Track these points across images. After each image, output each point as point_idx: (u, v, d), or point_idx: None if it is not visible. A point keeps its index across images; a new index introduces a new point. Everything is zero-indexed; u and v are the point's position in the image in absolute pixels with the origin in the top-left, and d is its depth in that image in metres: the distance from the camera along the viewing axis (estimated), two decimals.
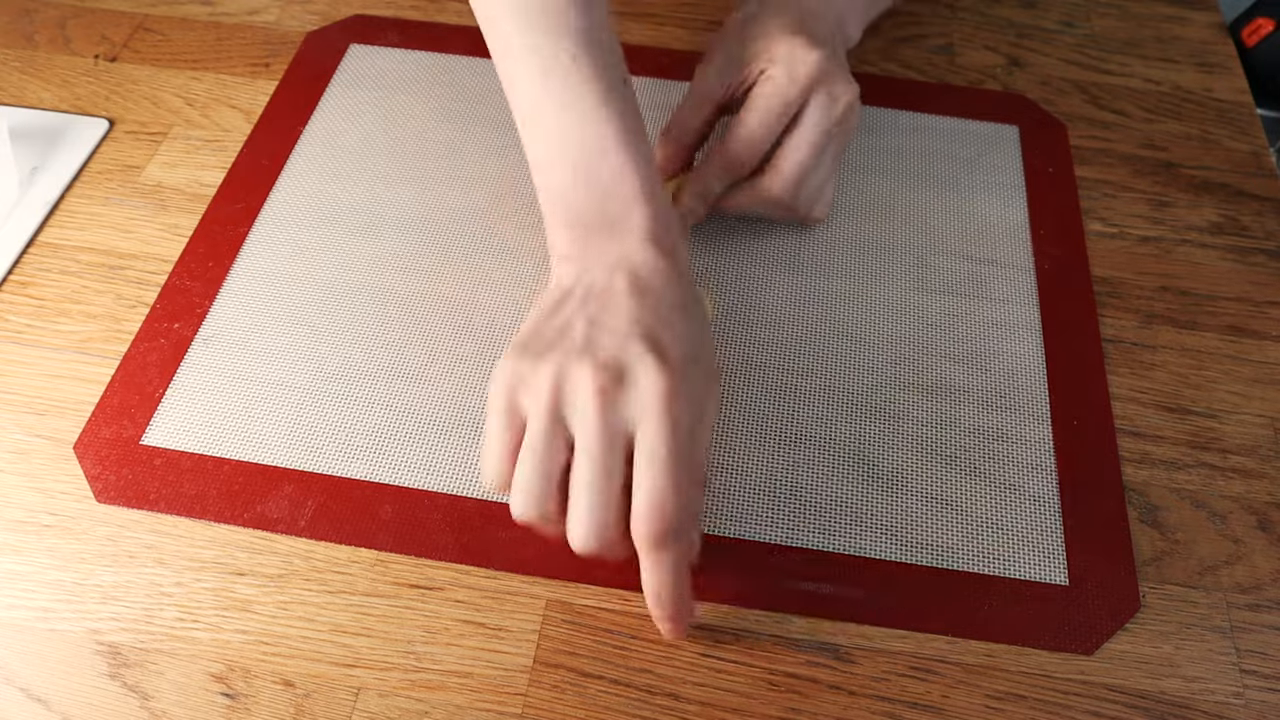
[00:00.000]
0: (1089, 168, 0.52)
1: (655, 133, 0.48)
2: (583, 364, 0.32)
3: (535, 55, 0.37)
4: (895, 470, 0.41)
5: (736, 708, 0.35)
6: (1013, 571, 0.38)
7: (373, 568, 0.38)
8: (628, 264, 0.35)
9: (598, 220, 0.37)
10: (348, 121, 0.52)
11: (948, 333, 0.45)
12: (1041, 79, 0.57)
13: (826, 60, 0.42)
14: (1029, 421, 0.42)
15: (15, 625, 0.36)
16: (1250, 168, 0.53)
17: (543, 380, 0.32)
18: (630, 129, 0.37)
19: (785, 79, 0.42)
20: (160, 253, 0.46)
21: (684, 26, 0.58)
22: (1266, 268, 0.48)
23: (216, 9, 0.58)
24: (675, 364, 0.32)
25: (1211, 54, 0.59)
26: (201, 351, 0.43)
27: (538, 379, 0.33)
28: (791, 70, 0.42)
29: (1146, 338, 0.46)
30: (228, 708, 0.35)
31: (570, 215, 0.37)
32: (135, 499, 0.39)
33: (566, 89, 0.37)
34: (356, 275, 0.46)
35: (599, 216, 0.37)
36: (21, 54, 0.55)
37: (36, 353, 0.43)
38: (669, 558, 0.32)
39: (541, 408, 0.32)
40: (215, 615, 0.36)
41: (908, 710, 0.35)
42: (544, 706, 0.35)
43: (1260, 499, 0.41)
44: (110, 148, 0.51)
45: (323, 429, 0.41)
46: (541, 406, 0.32)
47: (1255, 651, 0.37)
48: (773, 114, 0.42)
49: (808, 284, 0.46)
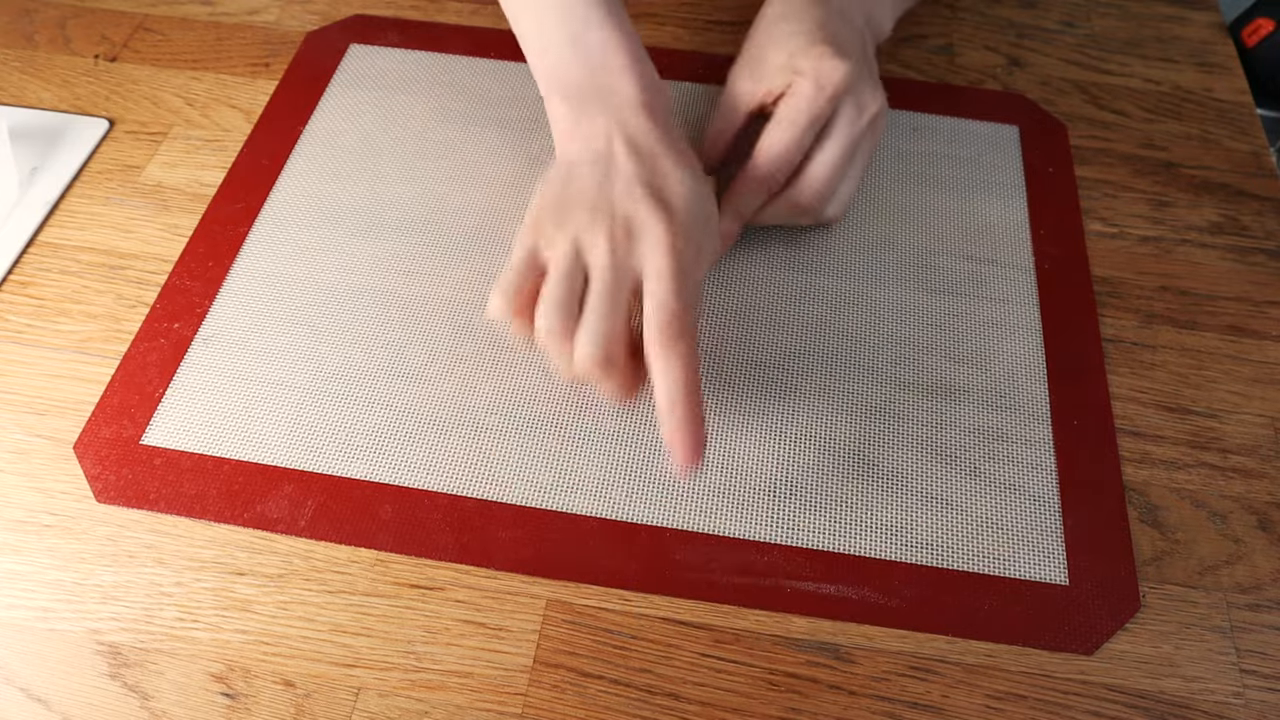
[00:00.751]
0: (1089, 168, 0.52)
1: None
2: (597, 217, 0.37)
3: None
4: (895, 470, 0.41)
5: (736, 708, 0.35)
6: (1013, 571, 0.38)
7: (373, 568, 0.38)
8: (624, 131, 0.39)
9: (591, 91, 0.41)
10: (348, 121, 0.52)
11: (948, 333, 0.45)
12: (1041, 79, 0.57)
13: (853, 70, 0.42)
14: (1029, 421, 0.42)
15: (15, 625, 0.36)
16: (1250, 168, 0.53)
17: (564, 234, 0.37)
18: (614, 7, 0.42)
19: (812, 91, 0.41)
20: (160, 253, 0.46)
21: (684, 26, 0.58)
22: (1266, 268, 0.48)
23: (216, 9, 0.58)
24: (675, 210, 0.37)
25: (1211, 54, 0.59)
26: (201, 351, 0.43)
27: (560, 234, 0.37)
28: (819, 82, 0.41)
29: (1146, 338, 0.46)
30: (228, 708, 0.35)
31: (565, 88, 0.41)
32: (135, 499, 0.39)
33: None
34: (356, 275, 0.46)
35: (591, 88, 0.41)
36: (21, 54, 0.55)
37: (36, 353, 0.43)
38: (679, 353, 0.35)
39: (562, 252, 0.37)
40: (215, 615, 0.36)
41: (908, 710, 0.35)
42: (544, 706, 0.35)
43: (1260, 499, 0.41)
44: (110, 148, 0.51)
45: (323, 429, 0.41)
46: (562, 252, 0.37)
47: (1255, 651, 0.37)
48: (800, 128, 0.42)
49: (807, 283, 0.46)
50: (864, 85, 0.43)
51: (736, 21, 0.59)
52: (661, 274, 0.36)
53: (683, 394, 0.35)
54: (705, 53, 0.57)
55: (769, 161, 0.43)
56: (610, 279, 0.36)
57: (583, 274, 0.37)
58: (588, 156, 0.39)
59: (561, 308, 0.36)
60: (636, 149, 0.39)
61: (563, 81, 0.42)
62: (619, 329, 0.36)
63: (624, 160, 0.39)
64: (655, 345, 0.35)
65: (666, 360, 0.35)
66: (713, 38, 0.58)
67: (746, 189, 0.44)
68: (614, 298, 0.36)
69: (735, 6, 0.60)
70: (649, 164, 0.39)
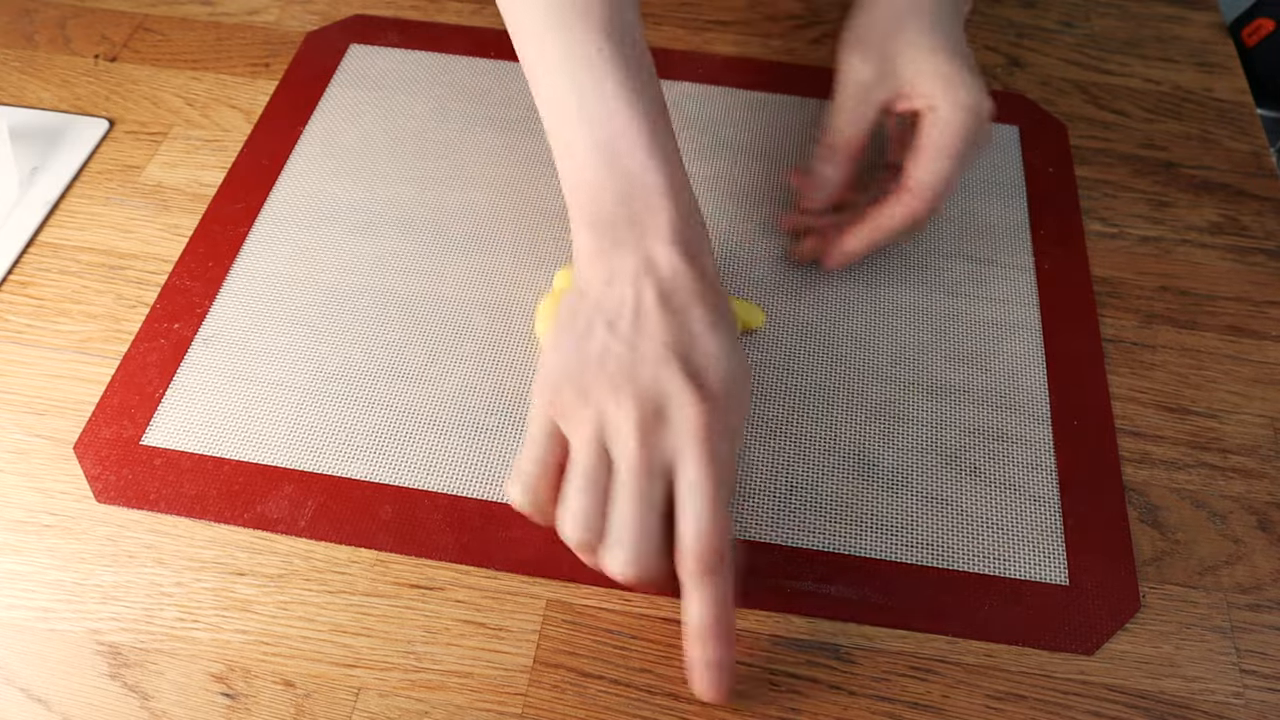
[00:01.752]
0: (1089, 168, 0.52)
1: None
2: (623, 398, 0.32)
3: (563, 47, 0.36)
4: (895, 470, 0.41)
5: (736, 708, 0.35)
6: (1013, 571, 0.38)
7: (373, 568, 0.38)
8: (654, 274, 0.35)
9: (623, 218, 0.36)
10: (348, 121, 0.52)
11: (948, 333, 0.45)
12: (1041, 79, 0.57)
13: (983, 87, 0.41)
14: (1029, 421, 0.42)
15: (15, 625, 0.36)
16: (1250, 168, 0.53)
17: (587, 414, 0.33)
18: (658, 127, 0.36)
19: (972, 124, 0.41)
20: (160, 253, 0.46)
21: (684, 26, 0.58)
22: (1266, 268, 0.48)
23: (216, 9, 0.58)
24: (712, 389, 0.33)
25: (1211, 54, 0.59)
26: (201, 351, 0.43)
27: (582, 412, 0.33)
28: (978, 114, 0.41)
29: (1146, 338, 0.46)
30: (228, 708, 0.34)
31: (594, 212, 0.36)
32: (135, 499, 0.39)
33: (594, 82, 0.36)
34: (356, 275, 0.46)
35: (624, 215, 0.36)
36: (21, 54, 0.55)
37: (36, 353, 0.43)
38: (715, 586, 0.32)
39: (586, 438, 0.33)
40: (215, 615, 0.36)
41: (908, 710, 0.35)
42: (544, 706, 0.35)
43: (1260, 499, 0.41)
44: (110, 148, 0.51)
45: (323, 429, 0.41)
46: (586, 437, 0.33)
47: (1255, 651, 0.37)
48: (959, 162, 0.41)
49: (807, 283, 0.46)
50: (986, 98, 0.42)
51: (736, 21, 0.59)
52: (697, 487, 0.31)
53: (714, 630, 0.32)
54: (704, 52, 0.57)
55: (934, 197, 0.41)
56: (640, 481, 0.32)
57: (608, 463, 0.33)
58: (612, 303, 0.35)
59: (587, 519, 0.32)
60: (668, 302, 0.34)
61: (591, 198, 0.36)
62: (655, 545, 0.32)
63: (654, 320, 0.34)
64: (691, 574, 0.32)
65: (700, 591, 0.32)
66: (712, 37, 0.58)
67: (894, 222, 0.42)
68: (647, 505, 0.32)
69: (735, 6, 0.60)
70: (682, 323, 0.34)
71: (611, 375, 0.33)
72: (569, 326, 0.35)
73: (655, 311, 0.34)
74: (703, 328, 0.34)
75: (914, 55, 0.42)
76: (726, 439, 0.33)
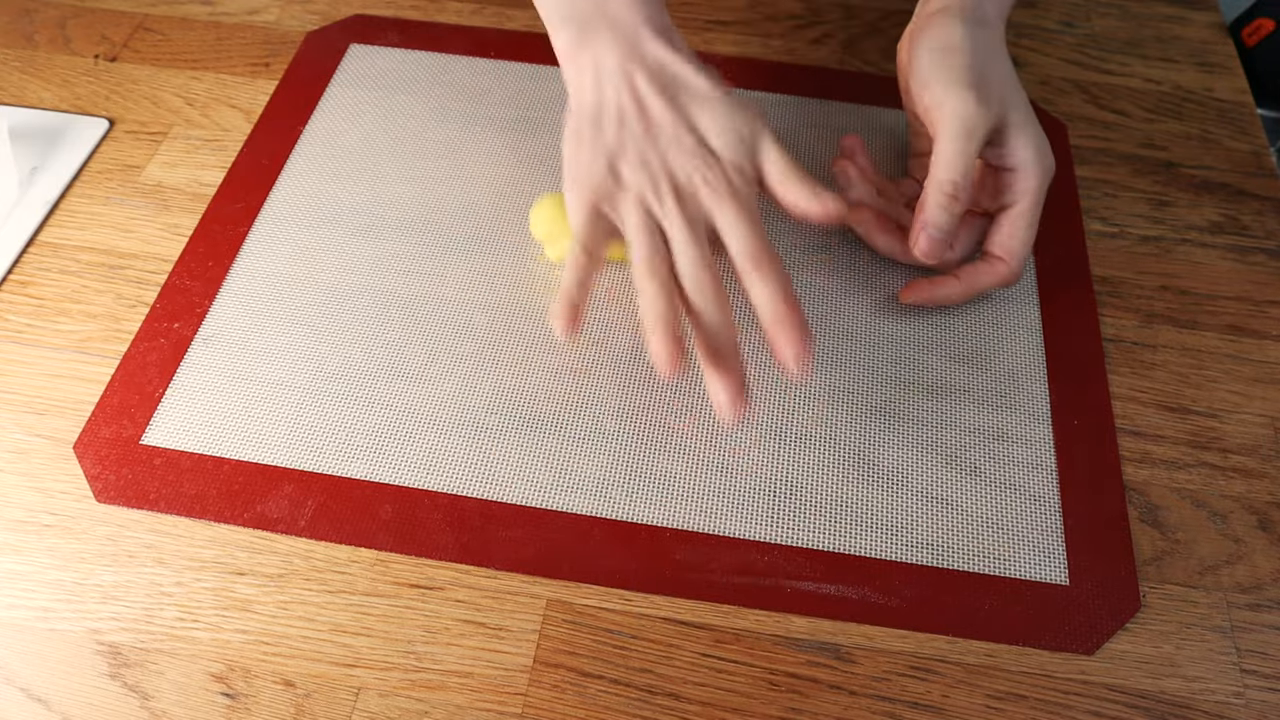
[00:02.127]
0: (1089, 168, 0.52)
1: None
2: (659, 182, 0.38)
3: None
4: (896, 470, 0.41)
5: (736, 708, 0.35)
6: (1013, 571, 0.38)
7: (373, 567, 0.38)
8: (644, 66, 0.39)
9: (595, 16, 0.40)
10: (348, 121, 0.52)
11: (948, 332, 0.45)
12: (1041, 79, 0.57)
13: (1042, 134, 0.42)
14: (1029, 421, 0.42)
15: (15, 625, 0.36)
16: (1250, 168, 0.53)
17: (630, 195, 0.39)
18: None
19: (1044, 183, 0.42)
20: (160, 252, 0.46)
21: (684, 26, 0.58)
22: (1266, 267, 0.48)
23: (216, 9, 0.58)
24: (721, 152, 0.39)
25: (1211, 54, 0.59)
26: (201, 351, 0.43)
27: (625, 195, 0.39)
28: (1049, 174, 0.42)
29: (1147, 337, 0.46)
30: (228, 708, 0.34)
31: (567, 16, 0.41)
32: (135, 499, 0.39)
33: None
34: (356, 275, 0.46)
35: (596, 15, 0.40)
36: (21, 54, 0.55)
37: (36, 352, 0.43)
38: (772, 270, 0.37)
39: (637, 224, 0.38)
40: (215, 615, 0.36)
41: (908, 710, 0.35)
42: (544, 706, 0.35)
43: (1261, 499, 0.41)
44: (110, 147, 0.51)
45: (323, 429, 0.41)
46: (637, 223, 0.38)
47: (1256, 651, 0.37)
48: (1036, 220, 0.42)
49: (807, 283, 0.46)
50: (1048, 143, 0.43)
51: (736, 21, 0.59)
52: (734, 222, 0.38)
53: (784, 302, 0.36)
54: (704, 52, 0.57)
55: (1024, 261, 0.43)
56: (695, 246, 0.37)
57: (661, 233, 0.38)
58: (615, 102, 0.39)
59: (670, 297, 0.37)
60: (664, 86, 0.39)
61: (563, 14, 0.41)
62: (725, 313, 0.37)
63: (657, 106, 0.39)
64: (746, 273, 0.37)
65: (763, 279, 0.37)
66: (712, 38, 0.58)
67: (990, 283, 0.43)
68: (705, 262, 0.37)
69: (735, 6, 0.60)
70: (681, 104, 0.39)
71: (638, 164, 0.39)
72: (580, 135, 0.40)
73: (657, 100, 0.39)
74: (698, 105, 0.39)
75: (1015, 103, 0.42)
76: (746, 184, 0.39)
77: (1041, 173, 0.42)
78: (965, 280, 0.44)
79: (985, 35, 0.43)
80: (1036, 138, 0.42)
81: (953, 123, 0.40)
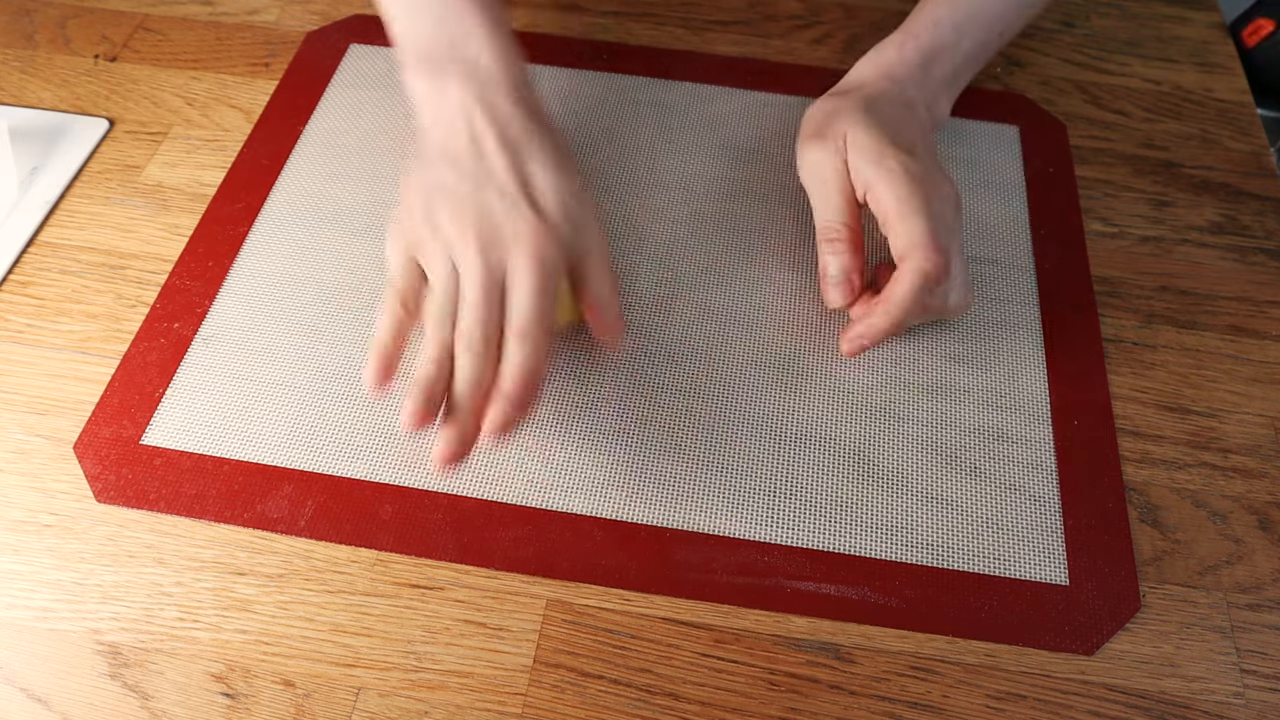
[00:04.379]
0: (1089, 168, 0.52)
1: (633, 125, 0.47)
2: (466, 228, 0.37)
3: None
4: (896, 470, 0.41)
5: (736, 708, 0.35)
6: (1013, 571, 0.38)
7: (373, 568, 0.38)
8: (491, 115, 0.39)
9: (450, 63, 0.40)
10: (348, 121, 0.52)
11: (948, 332, 0.45)
12: (1041, 79, 0.57)
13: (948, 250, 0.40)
14: (1029, 421, 0.42)
15: (15, 625, 0.36)
16: (1250, 168, 0.53)
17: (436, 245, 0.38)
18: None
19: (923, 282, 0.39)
20: (160, 252, 0.46)
21: (684, 26, 0.58)
22: (1266, 267, 0.48)
23: (216, 9, 0.58)
24: (546, 213, 0.38)
25: (1211, 54, 0.59)
26: (201, 351, 0.43)
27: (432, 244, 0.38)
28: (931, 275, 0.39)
29: (1146, 337, 0.46)
30: (228, 708, 0.34)
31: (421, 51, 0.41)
32: (135, 499, 0.39)
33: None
34: (356, 275, 0.46)
35: (450, 59, 0.41)
36: (21, 54, 0.55)
37: (36, 352, 0.43)
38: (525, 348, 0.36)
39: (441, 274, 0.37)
40: (215, 615, 0.36)
41: (908, 710, 0.35)
42: (544, 706, 0.35)
43: (1260, 498, 0.41)
44: (110, 147, 0.51)
45: (323, 429, 0.41)
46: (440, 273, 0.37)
47: (1255, 651, 0.37)
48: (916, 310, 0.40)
49: (808, 283, 0.46)
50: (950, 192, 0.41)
51: (736, 21, 0.59)
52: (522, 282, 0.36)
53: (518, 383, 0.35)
54: (704, 52, 0.57)
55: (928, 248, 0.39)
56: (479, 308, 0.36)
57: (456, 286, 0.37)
58: (456, 146, 0.39)
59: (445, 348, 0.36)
60: (506, 139, 0.39)
61: (417, 49, 0.42)
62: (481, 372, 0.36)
63: (495, 157, 0.39)
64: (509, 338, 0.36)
65: (519, 349, 0.36)
66: (712, 38, 0.58)
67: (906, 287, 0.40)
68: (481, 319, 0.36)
69: (735, 6, 0.60)
70: (520, 161, 0.39)
71: (456, 212, 0.38)
72: (418, 166, 0.40)
73: (497, 151, 0.39)
74: (537, 164, 0.39)
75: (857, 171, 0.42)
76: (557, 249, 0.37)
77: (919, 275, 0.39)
78: (885, 297, 0.40)
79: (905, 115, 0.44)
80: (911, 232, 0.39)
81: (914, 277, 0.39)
